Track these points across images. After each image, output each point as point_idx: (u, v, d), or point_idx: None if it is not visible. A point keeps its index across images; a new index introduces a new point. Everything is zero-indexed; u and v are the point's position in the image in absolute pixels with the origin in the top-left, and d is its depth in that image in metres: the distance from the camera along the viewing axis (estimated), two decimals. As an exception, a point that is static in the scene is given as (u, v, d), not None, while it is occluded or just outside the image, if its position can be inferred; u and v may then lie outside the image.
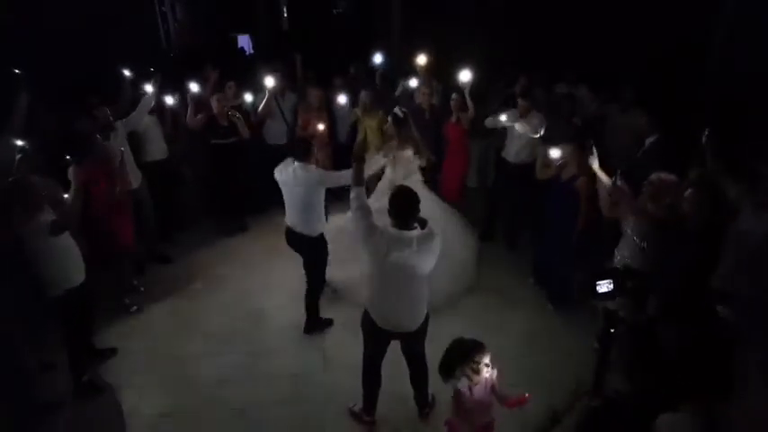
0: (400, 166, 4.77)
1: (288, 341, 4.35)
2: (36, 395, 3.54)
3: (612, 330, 3.10)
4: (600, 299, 2.78)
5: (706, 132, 3.93)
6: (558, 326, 4.52)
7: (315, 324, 4.43)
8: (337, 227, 4.82)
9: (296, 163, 3.95)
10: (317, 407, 3.73)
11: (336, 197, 5.33)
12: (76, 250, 3.65)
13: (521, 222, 5.74)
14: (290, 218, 4.13)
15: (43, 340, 3.79)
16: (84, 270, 3.70)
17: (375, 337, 3.29)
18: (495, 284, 5.11)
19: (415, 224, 2.99)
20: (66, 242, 3.55)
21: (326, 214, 4.31)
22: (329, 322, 4.51)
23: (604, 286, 2.71)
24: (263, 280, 5.15)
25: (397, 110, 4.80)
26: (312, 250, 4.21)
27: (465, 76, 5.27)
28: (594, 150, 3.91)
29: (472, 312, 4.67)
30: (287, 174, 3.99)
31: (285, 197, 4.11)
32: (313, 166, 3.98)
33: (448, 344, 2.82)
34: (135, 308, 4.74)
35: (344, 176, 3.89)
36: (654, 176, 3.59)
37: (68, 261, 3.57)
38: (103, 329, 4.39)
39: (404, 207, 2.94)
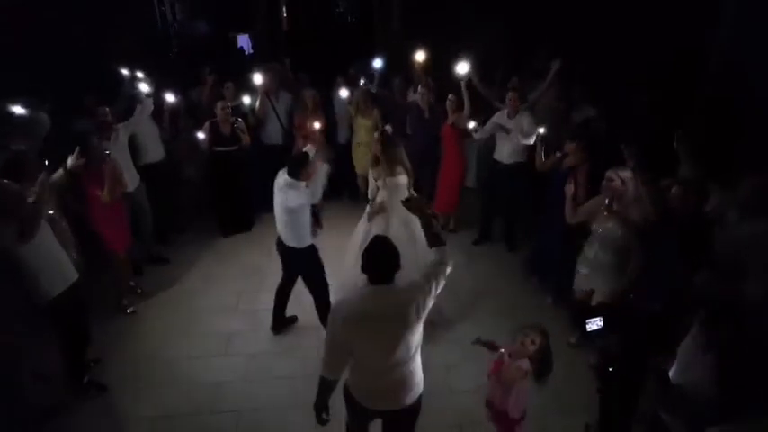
0: (395, 194, 4.16)
1: (286, 343, 4.33)
2: (33, 401, 3.49)
3: (611, 369, 2.93)
4: (590, 337, 2.70)
5: (677, 135, 3.87)
6: (559, 326, 4.48)
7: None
8: None
9: (287, 177, 3.78)
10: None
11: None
12: (59, 257, 3.47)
13: (518, 222, 5.71)
14: (279, 230, 4.03)
15: (37, 347, 3.70)
16: (70, 277, 3.54)
17: None
18: (494, 285, 5.10)
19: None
20: (42, 251, 3.31)
21: (318, 215, 4.23)
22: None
23: (594, 324, 2.62)
24: (261, 281, 5.13)
25: (387, 127, 4.64)
26: (302, 262, 4.10)
27: (462, 68, 5.04)
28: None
29: (469, 313, 4.65)
30: (278, 185, 3.88)
31: (275, 208, 3.98)
32: (303, 184, 3.79)
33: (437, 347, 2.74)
34: (132, 309, 4.73)
35: (320, 186, 3.96)
36: (611, 173, 3.48)
37: (47, 270, 3.35)
38: (101, 331, 4.38)
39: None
